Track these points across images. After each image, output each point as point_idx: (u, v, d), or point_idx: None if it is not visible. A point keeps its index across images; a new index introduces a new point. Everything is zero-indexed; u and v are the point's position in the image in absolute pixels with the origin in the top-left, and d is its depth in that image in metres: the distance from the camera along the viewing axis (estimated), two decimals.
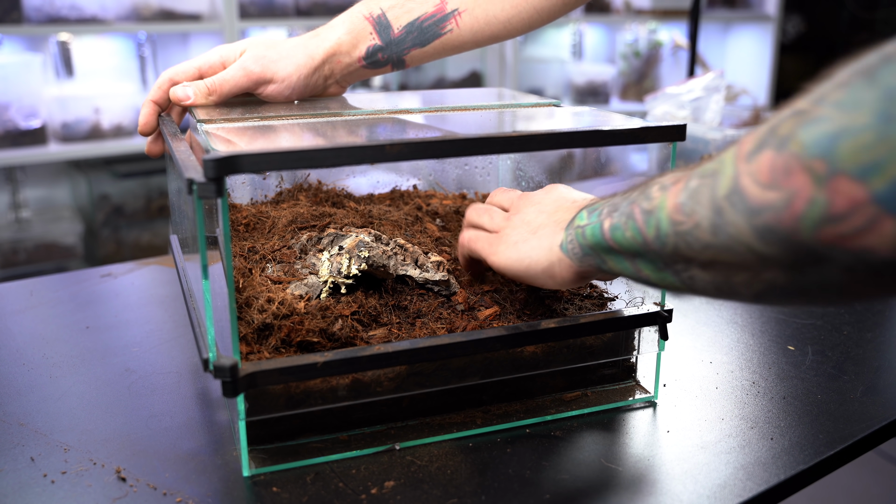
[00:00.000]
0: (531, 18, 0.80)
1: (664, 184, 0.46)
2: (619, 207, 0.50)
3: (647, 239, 0.46)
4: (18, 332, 0.80)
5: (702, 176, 0.42)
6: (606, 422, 0.63)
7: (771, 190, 0.37)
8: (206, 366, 0.53)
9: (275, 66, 0.75)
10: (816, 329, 0.80)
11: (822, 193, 0.35)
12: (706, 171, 0.42)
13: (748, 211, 0.38)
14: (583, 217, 0.54)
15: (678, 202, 0.43)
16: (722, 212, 0.40)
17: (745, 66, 3.54)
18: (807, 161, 0.35)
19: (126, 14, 2.37)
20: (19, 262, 2.30)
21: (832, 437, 0.61)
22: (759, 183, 0.38)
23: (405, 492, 0.53)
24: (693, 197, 0.42)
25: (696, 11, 2.06)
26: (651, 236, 0.46)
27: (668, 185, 0.45)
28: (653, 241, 0.46)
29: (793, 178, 0.36)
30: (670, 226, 0.44)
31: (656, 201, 0.46)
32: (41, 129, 2.25)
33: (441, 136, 0.59)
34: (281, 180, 0.87)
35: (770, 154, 0.37)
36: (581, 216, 0.54)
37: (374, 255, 0.63)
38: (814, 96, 0.37)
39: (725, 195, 0.40)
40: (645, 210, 0.46)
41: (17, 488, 0.54)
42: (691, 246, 0.43)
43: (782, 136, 0.37)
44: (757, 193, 0.38)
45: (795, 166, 0.36)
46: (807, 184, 0.35)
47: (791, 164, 0.36)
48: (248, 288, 0.60)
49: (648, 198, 0.47)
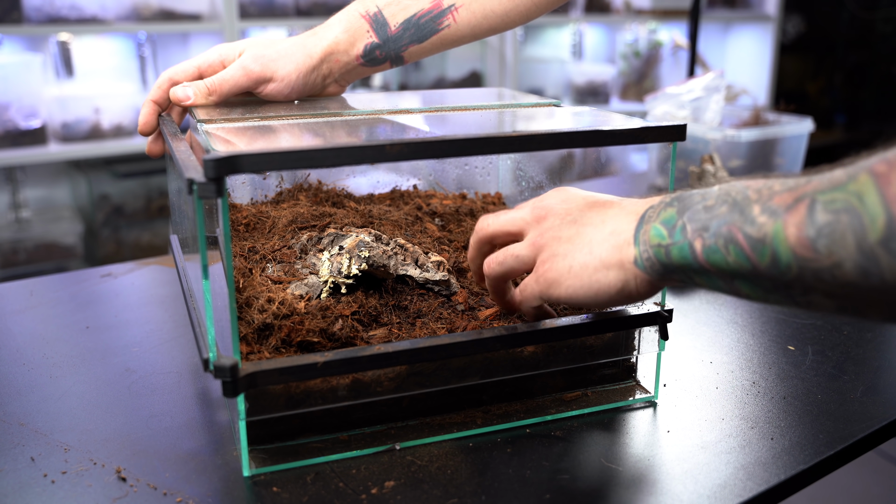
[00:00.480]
0: (529, 11, 0.80)
1: (770, 206, 0.43)
2: (710, 227, 0.46)
3: (759, 267, 0.44)
4: (18, 332, 0.80)
5: (830, 209, 0.40)
6: (606, 422, 0.63)
7: None
8: (207, 366, 0.53)
9: (274, 64, 0.75)
10: (816, 329, 0.80)
11: None
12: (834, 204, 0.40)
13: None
14: (660, 233, 0.50)
15: (805, 237, 0.41)
16: (876, 257, 0.38)
17: (745, 66, 3.54)
18: None
19: (126, 14, 2.37)
20: (19, 262, 2.31)
21: (832, 437, 0.61)
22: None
23: (405, 492, 0.53)
24: (829, 235, 0.40)
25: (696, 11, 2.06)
26: (765, 265, 0.43)
27: (780, 211, 0.42)
28: (767, 269, 0.43)
29: None
30: (796, 259, 0.42)
31: (768, 229, 0.43)
32: (41, 129, 2.25)
33: (441, 136, 0.59)
34: (281, 180, 0.87)
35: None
36: (657, 231, 0.50)
37: (375, 254, 0.63)
38: None
39: (881, 241, 0.38)
40: (752, 237, 0.44)
41: (17, 488, 0.54)
42: (824, 281, 0.41)
43: None
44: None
45: None
46: None
47: None
48: (249, 288, 0.60)
49: (752, 222, 0.44)
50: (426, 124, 0.71)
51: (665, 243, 0.49)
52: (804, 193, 0.41)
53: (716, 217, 0.46)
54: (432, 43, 0.79)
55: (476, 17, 0.79)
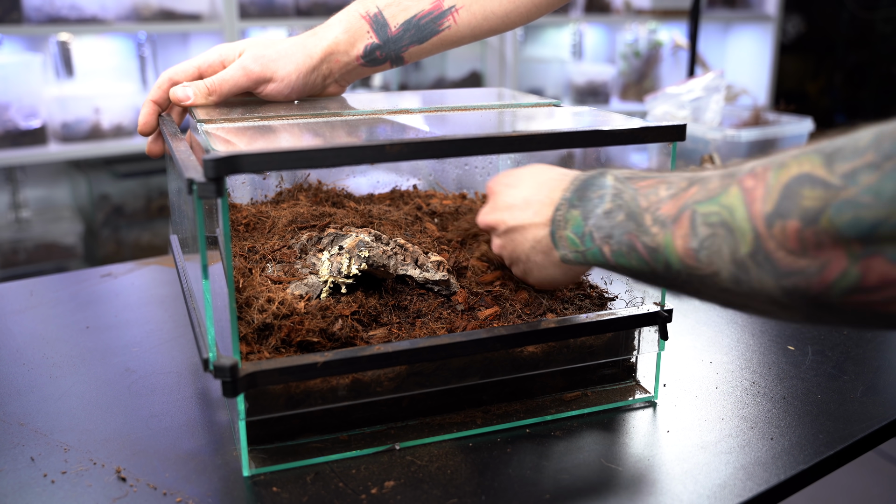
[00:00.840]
0: (529, 12, 0.80)
1: (659, 217, 0.48)
2: (614, 235, 0.51)
3: (657, 271, 0.49)
4: (18, 332, 0.80)
5: (708, 223, 0.44)
6: (606, 422, 0.63)
7: (801, 258, 0.39)
8: (206, 366, 0.53)
9: (274, 64, 0.75)
10: (816, 329, 0.80)
11: (856, 268, 0.37)
12: (711, 217, 0.44)
13: (776, 272, 0.41)
14: (574, 242, 0.55)
15: (690, 248, 0.45)
16: (746, 269, 0.42)
17: (745, 66, 3.54)
18: (842, 240, 0.37)
19: (126, 14, 2.37)
20: (19, 262, 2.30)
21: (832, 437, 0.61)
22: (786, 249, 0.40)
23: (405, 492, 0.53)
24: (708, 248, 0.44)
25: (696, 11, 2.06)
26: (661, 270, 0.49)
27: (668, 222, 0.47)
28: (662, 272, 0.49)
29: (824, 252, 0.38)
30: (684, 267, 0.46)
31: (660, 239, 0.48)
32: (41, 129, 2.25)
33: (441, 136, 0.59)
34: (281, 180, 0.87)
35: (796, 224, 0.39)
36: (571, 241, 0.55)
37: (374, 254, 0.63)
38: (839, 168, 0.37)
39: (749, 254, 0.42)
40: (648, 246, 0.49)
41: (17, 488, 0.54)
42: (707, 286, 0.46)
43: (808, 208, 0.38)
44: (786, 259, 0.40)
45: (828, 242, 0.38)
46: (841, 258, 0.38)
47: (823, 240, 0.38)
48: (248, 288, 0.60)
49: (647, 232, 0.49)
50: (426, 124, 0.71)
51: (581, 249, 0.55)
52: (685, 204, 0.46)
53: (617, 226, 0.51)
54: (432, 44, 0.79)
55: (476, 18, 0.79)
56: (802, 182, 0.39)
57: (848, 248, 0.37)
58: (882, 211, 0.36)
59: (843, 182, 0.37)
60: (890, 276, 0.37)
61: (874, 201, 0.36)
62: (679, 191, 0.47)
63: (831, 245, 0.38)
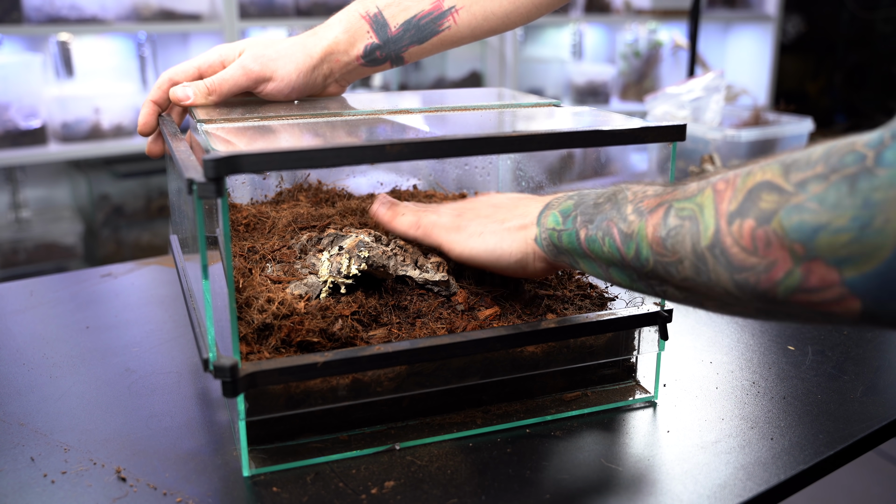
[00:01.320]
0: (529, 12, 0.80)
1: (638, 207, 0.51)
2: (595, 220, 0.54)
3: (626, 258, 0.51)
4: (18, 332, 0.80)
5: (680, 215, 0.47)
6: (606, 422, 0.63)
7: (752, 256, 0.43)
8: (206, 366, 0.53)
9: (274, 64, 0.75)
10: (816, 329, 0.80)
11: (799, 270, 0.41)
12: (683, 211, 0.47)
13: (730, 267, 0.44)
14: (557, 220, 0.57)
15: (659, 236, 0.48)
16: (705, 260, 0.45)
17: (745, 66, 3.54)
18: (787, 241, 0.41)
19: (126, 14, 2.37)
20: (19, 262, 2.31)
21: (832, 437, 0.61)
22: (741, 246, 0.43)
23: (405, 492, 0.53)
24: (675, 237, 0.47)
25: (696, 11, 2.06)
26: (630, 256, 0.51)
27: (645, 212, 0.50)
28: (632, 260, 0.51)
29: (773, 251, 0.42)
30: (652, 254, 0.49)
31: (634, 226, 0.50)
32: (41, 129, 2.25)
33: (441, 136, 0.59)
34: (281, 180, 0.87)
35: (752, 224, 0.42)
36: (554, 218, 0.58)
37: (374, 255, 0.63)
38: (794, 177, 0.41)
39: (708, 247, 0.45)
40: (623, 232, 0.51)
41: (17, 488, 0.54)
42: (672, 274, 0.48)
43: (764, 210, 0.42)
44: (739, 255, 0.43)
45: (776, 242, 0.41)
46: (786, 259, 0.41)
47: (772, 240, 0.41)
48: (248, 288, 0.60)
49: (625, 219, 0.51)
50: (426, 124, 0.71)
51: (559, 228, 0.57)
52: (665, 200, 0.49)
53: (600, 212, 0.54)
54: (432, 44, 0.79)
55: (476, 18, 0.79)
56: (763, 188, 0.42)
57: (792, 250, 0.40)
58: (823, 217, 0.39)
59: (795, 189, 0.41)
60: (829, 279, 0.39)
61: (818, 208, 0.39)
62: (663, 192, 0.50)
63: (778, 246, 0.41)
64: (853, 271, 0.39)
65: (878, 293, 0.38)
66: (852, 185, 0.38)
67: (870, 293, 0.39)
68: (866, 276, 0.38)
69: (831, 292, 0.40)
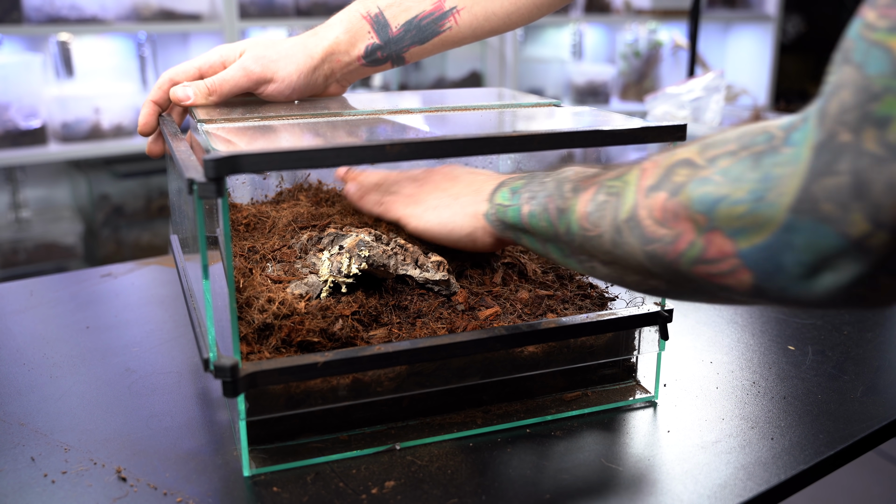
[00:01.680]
0: (530, 13, 0.80)
1: (577, 185, 0.53)
2: (537, 196, 0.56)
3: (559, 233, 0.54)
4: (18, 332, 0.80)
5: (608, 192, 0.49)
6: (606, 422, 0.63)
7: (662, 227, 0.45)
8: (207, 366, 0.53)
9: (275, 65, 0.75)
10: (816, 329, 0.80)
11: (701, 240, 0.43)
12: (612, 188, 0.49)
13: (642, 238, 0.46)
14: (506, 196, 0.60)
15: (586, 211, 0.51)
16: (621, 232, 0.48)
17: (745, 66, 3.54)
18: (692, 212, 0.43)
19: (126, 14, 2.37)
20: (19, 262, 2.30)
21: (832, 437, 0.61)
22: (653, 218, 0.45)
23: (405, 492, 0.53)
24: (599, 212, 0.49)
25: (696, 11, 2.06)
26: (562, 231, 0.53)
27: (580, 189, 0.52)
28: (563, 235, 0.53)
29: (679, 223, 0.44)
30: (579, 229, 0.51)
31: (569, 202, 0.53)
32: (41, 129, 2.25)
33: (441, 136, 0.59)
34: (281, 180, 0.87)
35: (664, 196, 0.44)
36: (504, 195, 0.60)
37: (375, 254, 0.63)
38: (707, 154, 0.43)
39: (625, 220, 0.47)
40: (559, 208, 0.53)
41: (18, 488, 0.54)
42: (595, 248, 0.51)
43: (676, 183, 0.44)
44: (650, 226, 0.45)
45: (683, 214, 0.43)
46: (690, 230, 0.43)
47: (679, 211, 0.43)
48: (249, 288, 0.60)
49: (562, 196, 0.54)
50: (426, 124, 0.71)
51: (506, 204, 0.59)
52: (601, 179, 0.51)
53: (543, 190, 0.56)
54: (433, 44, 0.79)
55: (478, 19, 0.79)
56: (680, 164, 0.44)
57: (695, 221, 0.42)
58: (724, 188, 0.41)
59: (705, 164, 0.43)
60: (726, 250, 0.41)
61: (721, 180, 0.41)
62: (602, 172, 0.52)
63: (685, 217, 0.43)
64: (745, 242, 0.40)
65: (766, 265, 0.40)
66: (756, 160, 0.40)
67: (759, 265, 0.40)
68: (756, 247, 0.40)
69: (727, 263, 0.42)
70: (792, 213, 0.38)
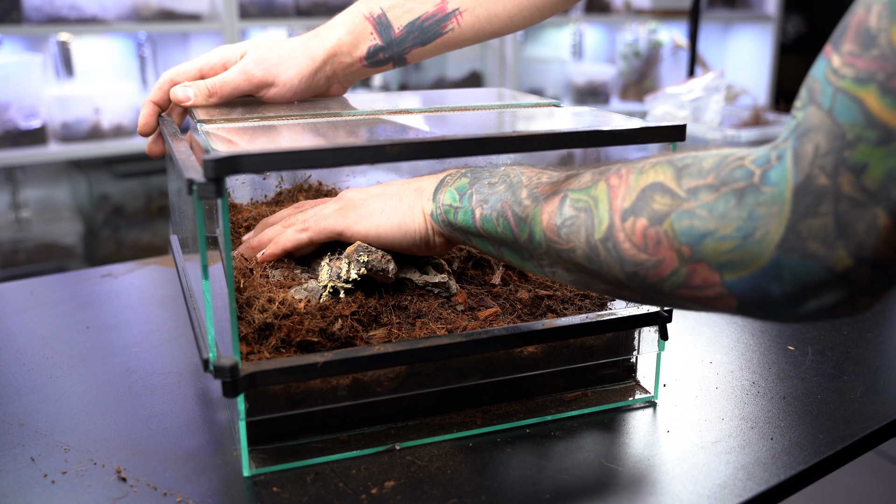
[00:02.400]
0: (532, 15, 0.80)
1: (534, 193, 0.53)
2: (490, 200, 0.56)
3: (519, 240, 0.54)
4: (18, 332, 0.80)
5: (575, 206, 0.50)
6: (606, 422, 0.63)
7: (643, 252, 0.46)
8: (207, 366, 0.53)
9: (276, 69, 0.75)
10: (816, 329, 0.80)
11: (685, 269, 0.44)
12: (579, 202, 0.49)
13: (621, 260, 0.47)
14: (453, 197, 0.59)
15: (554, 223, 0.51)
16: (598, 251, 0.48)
17: (745, 66, 3.54)
18: (676, 243, 0.44)
19: (126, 14, 2.37)
20: (19, 262, 2.31)
21: (832, 437, 0.61)
22: (632, 243, 0.46)
23: (405, 492, 0.53)
24: (569, 227, 0.50)
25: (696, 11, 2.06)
26: (523, 238, 0.53)
27: (540, 199, 0.52)
28: (524, 242, 0.54)
29: (662, 250, 0.45)
30: (545, 240, 0.52)
31: (529, 211, 0.53)
32: (41, 129, 2.25)
33: (441, 136, 0.59)
34: (281, 180, 0.87)
35: (644, 223, 0.45)
36: (451, 195, 0.59)
37: (373, 259, 0.63)
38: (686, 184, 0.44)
39: (601, 240, 0.48)
40: (518, 216, 0.54)
41: (17, 488, 0.54)
42: (564, 259, 0.51)
43: (657, 211, 0.45)
44: (630, 250, 0.46)
45: (666, 243, 0.44)
46: (673, 258, 0.44)
47: (662, 240, 0.44)
48: (249, 288, 0.60)
49: (520, 203, 0.54)
50: (426, 124, 0.71)
51: (455, 206, 0.59)
52: (561, 189, 0.51)
53: (495, 193, 0.56)
54: (435, 46, 0.79)
55: (480, 21, 0.79)
56: (656, 189, 0.45)
57: (679, 251, 0.44)
58: (711, 224, 0.42)
59: (687, 195, 0.44)
60: (710, 280, 0.43)
61: (707, 215, 0.42)
62: (558, 180, 0.53)
63: (668, 246, 0.44)
64: (732, 275, 0.42)
65: (752, 294, 0.42)
66: (740, 198, 0.41)
67: (745, 294, 0.42)
68: (743, 280, 0.42)
69: (712, 291, 0.44)
70: (779, 251, 0.40)
